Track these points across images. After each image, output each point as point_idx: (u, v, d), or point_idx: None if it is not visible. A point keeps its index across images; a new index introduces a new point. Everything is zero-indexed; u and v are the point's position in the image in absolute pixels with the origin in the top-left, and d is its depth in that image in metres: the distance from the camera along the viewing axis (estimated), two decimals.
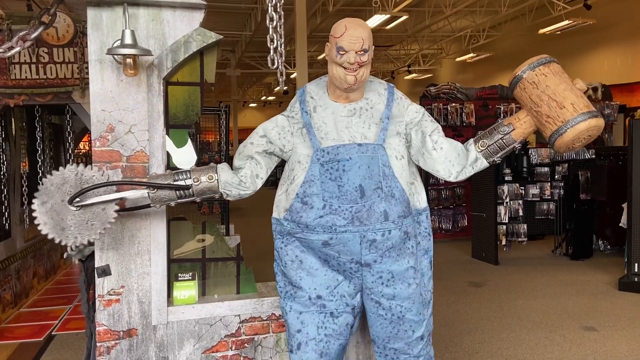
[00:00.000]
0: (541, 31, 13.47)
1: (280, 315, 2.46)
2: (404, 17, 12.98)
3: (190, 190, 2.13)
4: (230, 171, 2.20)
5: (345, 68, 2.03)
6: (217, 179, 2.15)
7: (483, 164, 2.20)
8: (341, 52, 2.02)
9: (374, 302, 2.19)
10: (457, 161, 2.20)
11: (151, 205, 2.15)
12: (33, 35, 2.44)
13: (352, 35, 2.02)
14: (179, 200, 2.16)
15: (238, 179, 2.19)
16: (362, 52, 2.03)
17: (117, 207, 2.08)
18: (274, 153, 2.25)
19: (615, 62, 13.04)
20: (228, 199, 2.21)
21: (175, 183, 2.12)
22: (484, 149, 2.18)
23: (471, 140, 2.24)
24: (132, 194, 2.12)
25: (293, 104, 2.24)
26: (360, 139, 2.12)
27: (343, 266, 2.16)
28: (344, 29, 2.04)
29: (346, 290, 2.20)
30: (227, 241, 2.68)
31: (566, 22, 12.36)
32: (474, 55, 17.49)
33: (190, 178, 2.14)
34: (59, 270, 6.49)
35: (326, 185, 2.09)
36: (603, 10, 12.49)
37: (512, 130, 2.14)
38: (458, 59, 19.22)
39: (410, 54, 20.79)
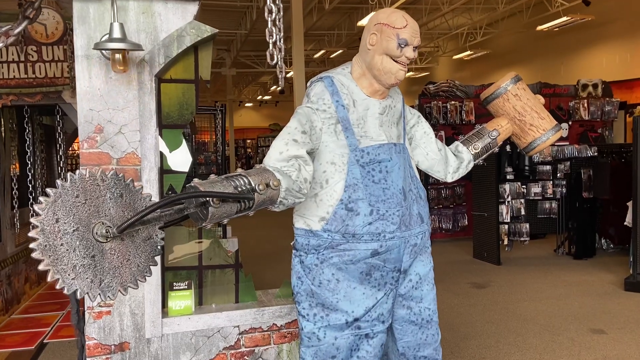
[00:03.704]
0: (539, 28, 13.37)
1: (282, 325, 2.33)
2: None
3: (252, 201, 1.60)
4: (286, 175, 1.74)
5: (399, 62, 1.90)
6: (280, 186, 1.69)
7: (472, 164, 2.32)
8: (402, 45, 1.87)
9: (406, 309, 2.07)
10: (449, 163, 2.26)
11: (204, 223, 1.51)
12: (16, 31, 2.30)
13: (414, 29, 1.90)
14: (234, 216, 1.59)
15: (298, 185, 1.77)
16: (415, 48, 1.93)
17: (163, 233, 1.49)
18: (312, 152, 1.91)
19: (613, 59, 12.95)
20: (276, 209, 1.74)
21: (241, 194, 1.55)
22: (477, 151, 2.30)
23: (458, 143, 2.33)
24: (192, 211, 1.50)
25: (320, 95, 1.95)
26: (389, 138, 2.00)
27: (385, 277, 1.99)
28: (404, 20, 1.88)
29: (384, 307, 2.01)
30: (225, 244, 2.55)
31: (564, 18, 12.27)
32: (471, 52, 17.39)
33: (251, 184, 1.59)
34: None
35: (371, 189, 1.91)
36: (601, 6, 12.40)
37: (498, 136, 2.34)
38: (455, 57, 19.12)
39: None
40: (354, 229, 1.89)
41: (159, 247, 1.47)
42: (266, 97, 30.47)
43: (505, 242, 6.88)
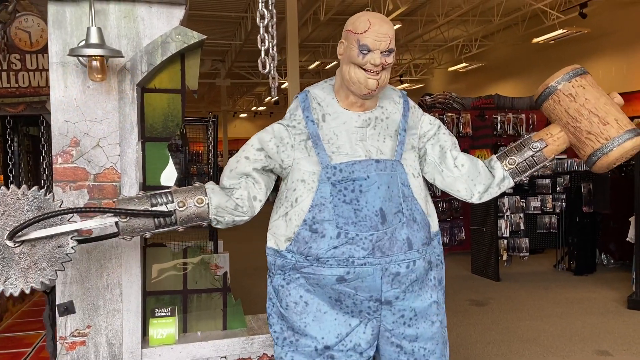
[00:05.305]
0: (535, 40, 13.35)
1: (273, 355, 2.15)
2: (397, 26, 12.80)
3: (173, 217, 1.71)
4: (222, 193, 1.79)
5: (366, 70, 1.73)
6: (208, 203, 1.74)
7: (510, 183, 1.96)
8: (364, 52, 1.71)
9: (395, 347, 1.86)
10: (479, 180, 1.94)
11: (120, 237, 1.70)
12: None
13: (378, 32, 1.71)
14: (156, 231, 1.71)
15: (234, 203, 1.78)
16: (387, 53, 1.74)
17: (75, 243, 1.65)
18: (273, 170, 1.87)
19: (609, 72, 12.92)
20: (217, 227, 1.80)
21: (153, 209, 1.69)
22: (512, 166, 1.93)
23: (494, 157, 1.99)
24: (95, 223, 1.66)
25: (293, 111, 1.87)
26: (376, 154, 1.81)
27: (359, 306, 1.81)
28: (367, 24, 1.72)
29: (362, 337, 1.83)
30: (215, 259, 2.38)
31: (560, 31, 12.25)
32: (466, 65, 17.37)
33: (172, 202, 1.70)
34: (36, 292, 6.11)
35: (340, 210, 1.74)
36: (597, 19, 12.39)
37: (544, 147, 1.93)
38: (450, 69, 19.10)
39: (402, 64, 20.66)
40: (317, 252, 1.74)
41: (67, 254, 1.64)
42: (261, 108, 30.36)
43: (504, 258, 6.72)
